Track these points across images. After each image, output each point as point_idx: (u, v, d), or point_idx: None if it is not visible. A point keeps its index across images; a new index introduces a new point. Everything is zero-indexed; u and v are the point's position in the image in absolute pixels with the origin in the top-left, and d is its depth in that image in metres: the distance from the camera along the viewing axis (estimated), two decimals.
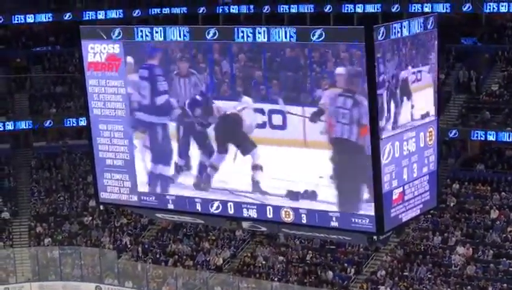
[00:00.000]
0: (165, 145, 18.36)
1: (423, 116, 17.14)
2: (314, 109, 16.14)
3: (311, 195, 16.74)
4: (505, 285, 35.59)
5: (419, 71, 16.95)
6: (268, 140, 17.00)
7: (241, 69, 16.85)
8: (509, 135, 40.09)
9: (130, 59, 18.37)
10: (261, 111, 16.87)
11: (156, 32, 17.85)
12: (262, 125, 16.95)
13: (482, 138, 41.01)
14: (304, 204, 16.91)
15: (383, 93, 15.92)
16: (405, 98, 16.63)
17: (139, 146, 18.79)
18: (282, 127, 16.71)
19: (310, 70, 16.04)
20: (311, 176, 16.65)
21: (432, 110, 17.35)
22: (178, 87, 17.84)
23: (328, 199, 16.63)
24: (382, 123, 15.87)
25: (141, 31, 18.06)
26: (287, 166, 16.92)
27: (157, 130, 18.36)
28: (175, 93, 17.91)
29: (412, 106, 16.83)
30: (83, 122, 42.94)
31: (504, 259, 36.73)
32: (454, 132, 41.42)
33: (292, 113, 16.31)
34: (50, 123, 47.21)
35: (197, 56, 17.44)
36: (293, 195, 16.98)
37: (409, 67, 16.59)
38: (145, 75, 18.16)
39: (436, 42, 17.08)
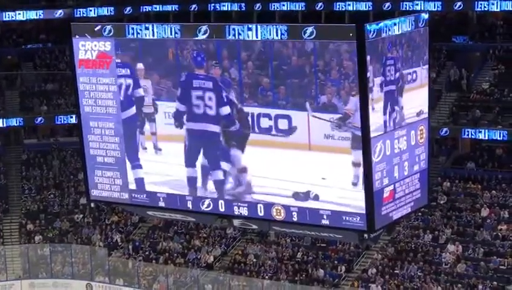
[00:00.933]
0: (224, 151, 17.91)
1: (418, 114, 17.23)
2: (339, 115, 16.13)
3: (314, 196, 16.79)
4: (495, 283, 35.68)
5: (415, 71, 17.04)
6: (274, 143, 17.02)
7: (249, 76, 16.90)
8: (499, 133, 40.20)
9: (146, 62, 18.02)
10: (267, 116, 16.94)
11: (147, 29, 17.82)
12: (268, 130, 17.01)
13: (472, 136, 41.14)
14: (310, 205, 16.87)
15: (394, 90, 16.21)
16: (405, 96, 16.77)
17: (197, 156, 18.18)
18: (288, 131, 16.79)
19: (315, 78, 16.15)
20: (314, 178, 16.68)
21: (426, 108, 17.47)
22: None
23: (331, 199, 16.65)
24: (394, 115, 16.27)
25: (132, 28, 18.03)
26: (291, 168, 16.96)
27: (220, 138, 17.72)
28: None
29: (409, 104, 16.95)
30: (73, 119, 42.97)
31: (494, 257, 36.81)
32: (445, 130, 41.49)
33: (317, 117, 16.33)
34: (41, 120, 47.18)
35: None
36: (298, 196, 16.99)
37: (407, 67, 16.72)
38: (208, 86, 17.46)
39: (427, 40, 17.14)
